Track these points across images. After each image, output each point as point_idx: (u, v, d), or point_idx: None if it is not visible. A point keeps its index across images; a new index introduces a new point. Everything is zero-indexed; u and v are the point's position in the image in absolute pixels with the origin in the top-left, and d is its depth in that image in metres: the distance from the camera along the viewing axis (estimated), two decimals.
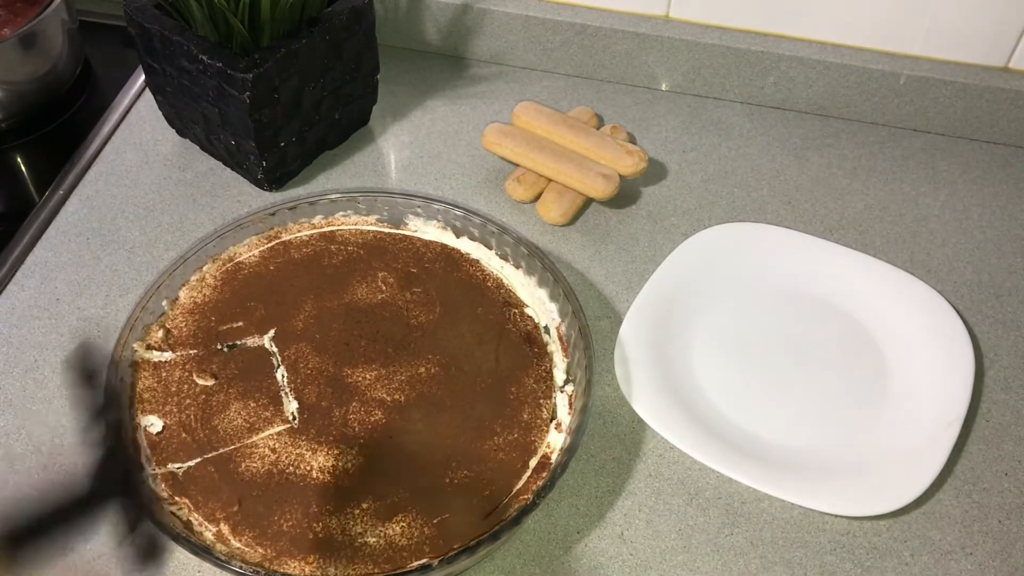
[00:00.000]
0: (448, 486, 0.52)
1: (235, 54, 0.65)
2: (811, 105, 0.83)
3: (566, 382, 0.57)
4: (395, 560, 0.49)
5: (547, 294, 0.60)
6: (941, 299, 0.64)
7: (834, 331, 0.64)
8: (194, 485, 0.51)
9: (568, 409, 0.55)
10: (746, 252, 0.68)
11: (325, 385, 0.56)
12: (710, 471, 0.56)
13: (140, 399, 0.55)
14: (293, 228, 0.65)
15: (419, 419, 0.55)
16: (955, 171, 0.78)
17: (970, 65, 0.78)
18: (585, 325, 0.56)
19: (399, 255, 0.64)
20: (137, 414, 0.54)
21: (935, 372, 0.60)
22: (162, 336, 0.58)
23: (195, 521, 0.50)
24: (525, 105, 0.75)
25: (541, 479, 0.52)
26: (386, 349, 0.58)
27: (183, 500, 0.51)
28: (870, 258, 0.67)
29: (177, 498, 0.51)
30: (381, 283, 0.62)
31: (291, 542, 0.49)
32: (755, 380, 0.61)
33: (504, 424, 0.55)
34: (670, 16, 0.83)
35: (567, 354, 0.58)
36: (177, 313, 0.59)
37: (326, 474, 0.52)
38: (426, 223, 0.65)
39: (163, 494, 0.51)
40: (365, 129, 0.80)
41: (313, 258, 0.63)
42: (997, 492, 0.56)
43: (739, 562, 0.53)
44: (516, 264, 0.62)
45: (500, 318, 0.60)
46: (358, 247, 0.64)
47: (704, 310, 0.65)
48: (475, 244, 0.64)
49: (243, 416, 0.54)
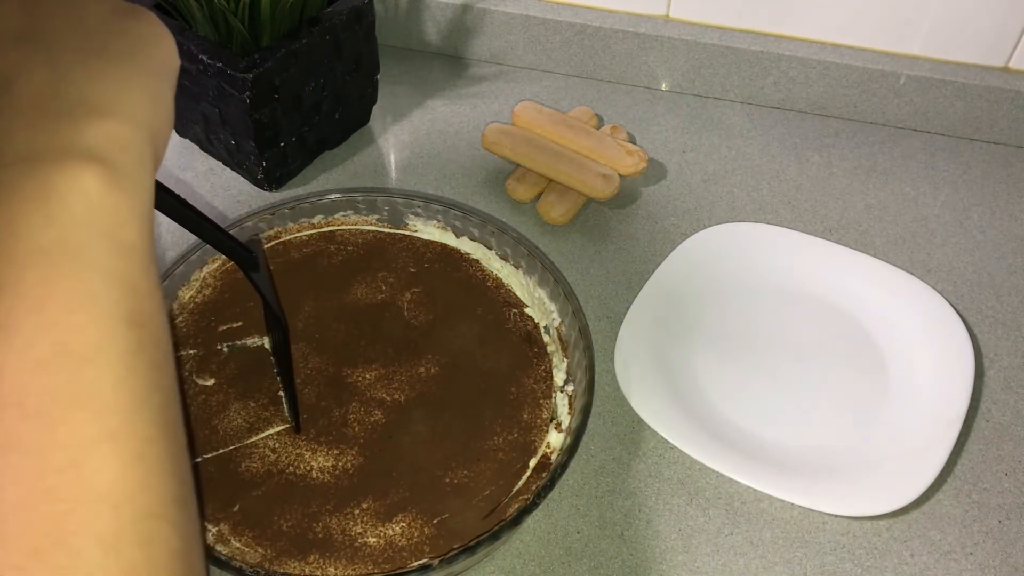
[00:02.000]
0: (448, 486, 0.52)
1: (235, 54, 0.65)
2: (811, 105, 0.83)
3: (566, 382, 0.57)
4: (395, 560, 0.49)
5: (547, 294, 0.60)
6: (941, 299, 0.64)
7: (834, 331, 0.64)
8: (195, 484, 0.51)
9: (568, 409, 0.55)
10: (746, 252, 0.68)
11: (325, 385, 0.56)
12: (710, 471, 0.56)
13: None
14: (293, 228, 0.65)
15: (419, 419, 0.55)
16: (955, 171, 0.78)
17: (970, 65, 0.78)
18: (585, 325, 0.56)
19: (399, 255, 0.64)
20: None
21: (935, 372, 0.60)
22: None
23: None
24: (525, 105, 0.75)
25: (541, 479, 0.52)
26: (386, 349, 0.58)
27: None
28: (870, 258, 0.67)
29: None
30: (381, 283, 0.62)
31: (291, 542, 0.49)
32: (755, 380, 0.61)
33: (504, 424, 0.55)
34: (670, 16, 0.83)
35: (567, 354, 0.58)
36: (177, 313, 0.59)
37: (326, 474, 0.52)
38: (426, 223, 0.65)
39: None
40: (365, 129, 0.80)
41: (313, 258, 0.63)
42: (997, 492, 0.56)
43: (739, 562, 0.53)
44: (516, 264, 0.62)
45: (500, 318, 0.60)
46: (358, 247, 0.64)
47: (704, 310, 0.65)
48: (475, 244, 0.64)
49: (243, 416, 0.54)
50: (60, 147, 0.28)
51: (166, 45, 0.35)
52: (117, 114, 0.30)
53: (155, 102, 0.33)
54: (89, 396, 0.27)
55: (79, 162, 0.28)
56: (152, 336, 0.29)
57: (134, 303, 0.29)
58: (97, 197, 0.28)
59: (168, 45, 0.35)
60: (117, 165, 0.29)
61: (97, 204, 0.28)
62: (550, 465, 0.52)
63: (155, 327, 0.30)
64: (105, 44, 0.32)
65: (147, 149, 0.31)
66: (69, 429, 0.26)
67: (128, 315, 0.28)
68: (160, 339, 0.30)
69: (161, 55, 0.34)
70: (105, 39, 0.32)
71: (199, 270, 0.61)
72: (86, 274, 0.27)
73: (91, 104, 0.30)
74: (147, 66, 0.33)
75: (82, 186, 0.28)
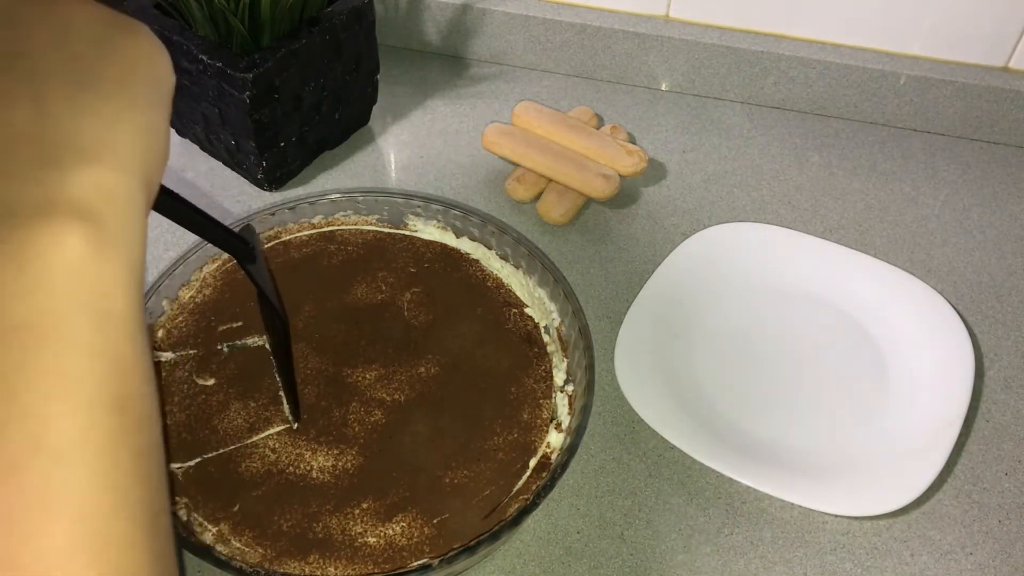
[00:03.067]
0: (448, 486, 0.52)
1: (235, 54, 0.65)
2: (811, 105, 0.83)
3: (566, 382, 0.57)
4: (395, 560, 0.49)
5: (547, 294, 0.60)
6: (941, 299, 0.64)
7: (834, 331, 0.64)
8: (194, 485, 0.51)
9: (568, 409, 0.55)
10: (746, 252, 0.68)
11: (325, 385, 0.56)
12: (710, 471, 0.56)
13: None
14: (293, 228, 0.65)
15: (419, 419, 0.55)
16: (955, 171, 0.78)
17: (970, 65, 0.78)
18: (585, 325, 0.56)
19: (399, 255, 0.64)
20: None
21: (935, 372, 0.60)
22: (162, 336, 0.58)
23: (195, 521, 0.50)
24: (525, 105, 0.75)
25: (541, 479, 0.52)
26: (386, 349, 0.58)
27: (183, 500, 0.50)
28: (870, 258, 0.67)
29: (177, 498, 0.51)
30: (381, 283, 0.62)
31: (291, 542, 0.49)
32: (755, 380, 0.61)
33: (504, 424, 0.55)
34: (670, 16, 0.83)
35: (567, 354, 0.58)
36: (177, 313, 0.59)
37: (326, 474, 0.52)
38: (426, 223, 0.65)
39: None
40: (365, 129, 0.80)
41: (313, 258, 0.63)
42: (997, 492, 0.56)
43: (739, 562, 0.53)
44: (516, 264, 0.62)
45: (500, 318, 0.60)
46: (358, 247, 0.64)
47: (704, 310, 0.65)
48: (475, 244, 0.64)
49: (243, 416, 0.54)
50: (42, 201, 0.26)
51: (161, 64, 0.32)
52: (107, 159, 0.28)
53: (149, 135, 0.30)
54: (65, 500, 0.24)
55: (62, 220, 0.26)
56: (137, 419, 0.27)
57: (119, 383, 0.26)
58: (81, 262, 0.26)
59: (163, 64, 0.32)
60: (105, 220, 0.27)
61: (80, 270, 0.26)
62: (550, 465, 0.52)
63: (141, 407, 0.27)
64: (95, 71, 0.29)
65: (139, 195, 0.29)
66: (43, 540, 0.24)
67: (112, 398, 0.26)
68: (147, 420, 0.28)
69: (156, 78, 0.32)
70: (95, 64, 0.29)
71: (199, 270, 0.61)
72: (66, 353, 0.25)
73: (78, 148, 0.27)
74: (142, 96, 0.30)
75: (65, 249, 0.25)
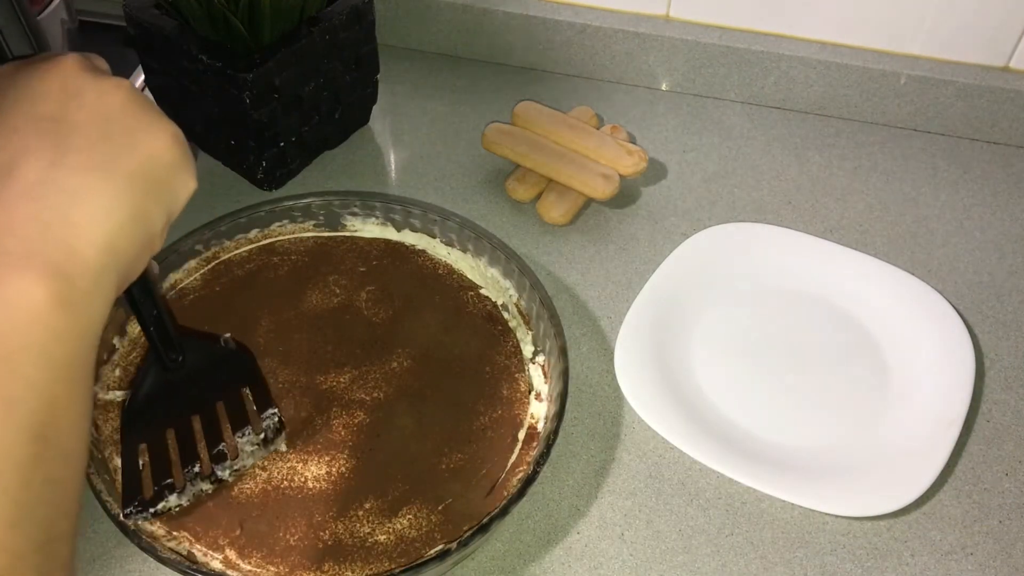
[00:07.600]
0: (445, 472, 0.52)
1: (235, 54, 0.65)
2: (811, 105, 0.83)
3: (535, 353, 0.58)
4: (409, 552, 0.48)
5: (500, 272, 0.61)
6: (941, 299, 0.64)
7: (834, 331, 0.64)
8: (190, 517, 0.50)
9: (544, 379, 0.56)
10: (746, 252, 0.68)
11: (301, 396, 0.55)
12: (710, 471, 0.56)
13: (111, 441, 0.53)
14: (230, 246, 0.63)
15: (402, 413, 0.55)
16: (955, 171, 0.78)
17: (970, 65, 0.78)
18: (545, 295, 0.57)
19: (345, 257, 0.64)
20: (113, 457, 0.52)
21: (935, 372, 0.60)
22: (119, 375, 0.56)
23: (198, 552, 0.48)
24: (525, 105, 0.75)
25: (533, 450, 0.52)
26: (354, 350, 0.58)
27: (182, 534, 0.49)
28: (870, 258, 0.67)
29: (175, 532, 0.49)
30: (334, 286, 0.62)
31: (302, 555, 0.48)
32: (755, 380, 0.61)
33: (486, 403, 0.55)
34: (670, 16, 0.83)
35: (531, 327, 0.58)
36: (129, 350, 0.58)
37: (322, 482, 0.52)
38: (364, 221, 0.65)
39: (159, 531, 0.49)
40: (365, 129, 0.80)
41: (258, 273, 0.62)
42: (997, 492, 0.56)
43: (739, 562, 0.53)
44: (463, 248, 0.63)
45: (459, 302, 0.61)
46: (301, 255, 0.64)
47: (704, 310, 0.65)
48: (418, 235, 0.64)
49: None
50: (25, 253, 0.30)
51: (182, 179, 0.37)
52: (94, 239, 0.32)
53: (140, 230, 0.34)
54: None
55: (35, 274, 0.30)
56: (56, 453, 0.30)
57: (47, 415, 0.29)
58: (40, 312, 0.29)
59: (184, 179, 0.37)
60: (73, 286, 0.31)
61: (38, 318, 0.29)
62: (537, 435, 0.53)
63: (66, 443, 0.30)
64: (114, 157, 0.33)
65: (111, 277, 0.33)
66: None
67: (37, 428, 0.29)
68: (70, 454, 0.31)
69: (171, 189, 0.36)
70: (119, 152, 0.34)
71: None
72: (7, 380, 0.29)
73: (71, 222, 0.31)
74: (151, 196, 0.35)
75: (31, 299, 0.29)
